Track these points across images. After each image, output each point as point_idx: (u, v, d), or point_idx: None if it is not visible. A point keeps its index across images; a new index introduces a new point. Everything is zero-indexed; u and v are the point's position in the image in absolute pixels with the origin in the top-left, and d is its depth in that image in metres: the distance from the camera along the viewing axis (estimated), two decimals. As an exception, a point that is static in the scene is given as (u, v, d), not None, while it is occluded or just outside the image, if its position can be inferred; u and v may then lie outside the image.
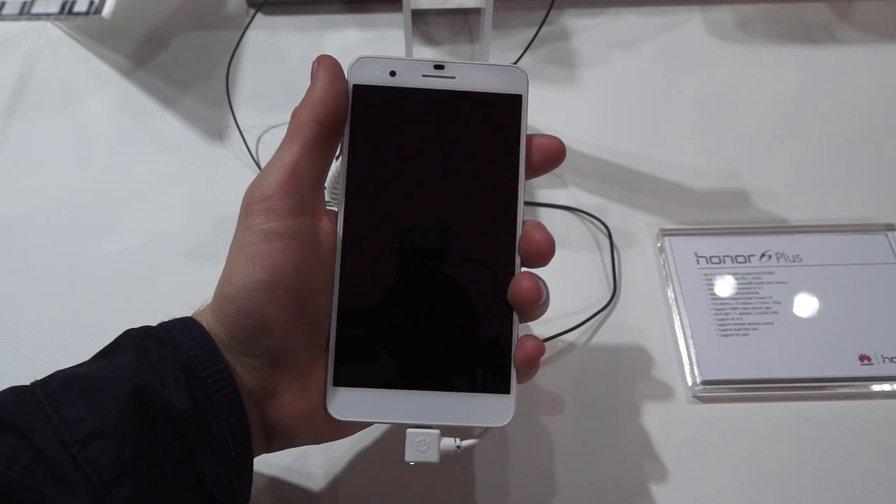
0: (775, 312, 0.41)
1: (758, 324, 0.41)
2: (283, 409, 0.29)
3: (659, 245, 0.45)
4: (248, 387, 0.28)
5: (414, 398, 0.29)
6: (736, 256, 0.44)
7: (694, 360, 0.40)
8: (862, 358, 0.40)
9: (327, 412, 0.29)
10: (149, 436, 0.25)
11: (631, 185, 0.48)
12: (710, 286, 0.43)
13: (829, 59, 0.55)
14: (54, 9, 0.57)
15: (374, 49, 0.56)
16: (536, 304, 0.29)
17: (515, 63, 0.46)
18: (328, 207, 0.31)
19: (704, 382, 0.39)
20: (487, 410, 0.29)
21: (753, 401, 0.39)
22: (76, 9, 0.57)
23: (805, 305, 0.42)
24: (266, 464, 0.37)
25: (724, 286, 0.43)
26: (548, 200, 0.47)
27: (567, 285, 0.43)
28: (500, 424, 0.29)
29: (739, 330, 0.41)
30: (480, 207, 0.30)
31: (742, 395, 0.39)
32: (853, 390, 0.39)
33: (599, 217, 0.45)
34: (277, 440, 0.30)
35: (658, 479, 0.37)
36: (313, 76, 0.30)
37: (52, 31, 0.59)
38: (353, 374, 0.29)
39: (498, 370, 0.29)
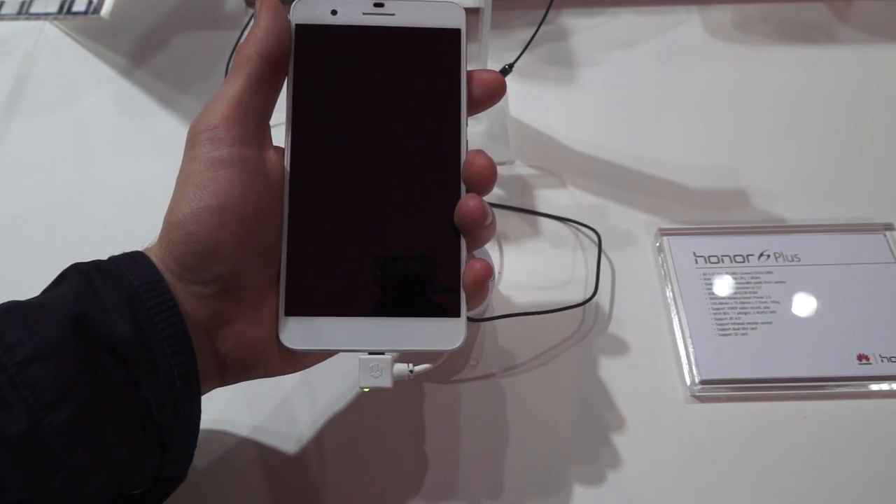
0: (774, 312, 0.41)
1: (756, 323, 0.41)
2: (236, 339, 0.29)
3: (657, 245, 0.45)
4: (198, 315, 0.28)
5: (365, 325, 0.30)
6: (734, 256, 0.44)
7: (692, 359, 0.40)
8: (860, 357, 0.40)
9: (280, 342, 0.29)
10: (90, 361, 0.25)
11: (629, 185, 0.48)
12: (709, 286, 0.43)
13: (828, 59, 0.55)
14: (53, 8, 0.57)
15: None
16: (482, 223, 0.29)
17: (513, 63, 0.46)
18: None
19: (703, 382, 0.39)
20: (438, 334, 0.30)
21: (752, 400, 0.39)
22: (75, 8, 0.57)
23: (803, 305, 0.42)
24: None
25: (723, 286, 0.43)
26: (547, 199, 0.47)
27: (555, 283, 0.43)
28: (451, 348, 0.30)
29: (738, 329, 0.41)
30: (424, 137, 0.31)
31: (740, 394, 0.39)
32: (851, 390, 0.39)
33: (591, 225, 0.45)
34: (231, 372, 0.30)
35: (656, 479, 0.37)
36: (256, 15, 0.30)
37: (50, 31, 0.59)
38: (304, 303, 0.30)
39: (448, 294, 0.30)
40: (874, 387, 0.39)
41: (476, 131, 0.51)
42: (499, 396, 0.40)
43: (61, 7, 0.57)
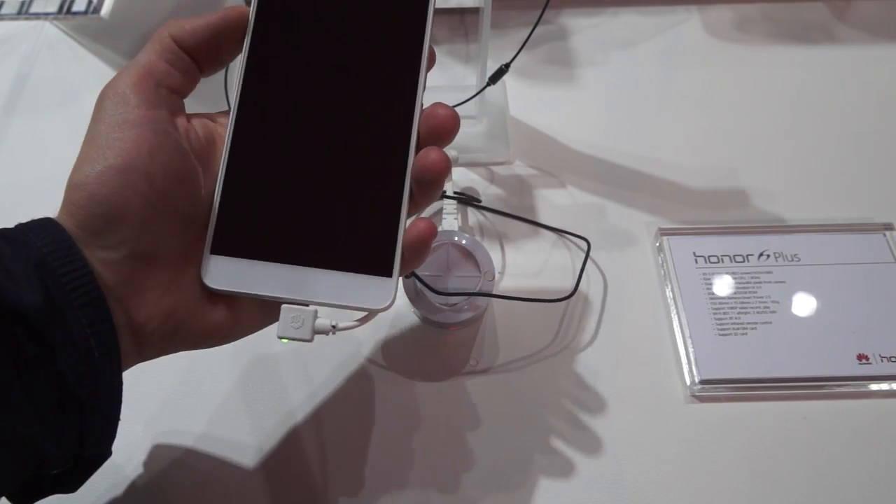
0: (773, 312, 0.41)
1: (756, 323, 0.41)
2: (151, 308, 0.28)
3: (657, 244, 0.45)
4: (108, 284, 0.27)
5: (291, 273, 0.29)
6: (734, 256, 0.44)
7: (692, 359, 0.40)
8: (860, 357, 0.40)
9: (203, 283, 0.29)
10: None
11: (629, 185, 0.48)
12: (709, 286, 0.43)
13: (827, 59, 0.55)
14: (53, 8, 0.57)
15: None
16: (445, 174, 0.29)
17: (509, 63, 0.46)
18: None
19: (703, 382, 0.39)
20: (367, 292, 0.29)
21: (751, 400, 0.39)
22: (75, 8, 0.57)
23: (803, 305, 0.42)
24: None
25: (723, 285, 0.43)
26: (546, 199, 0.47)
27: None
28: (378, 308, 0.29)
29: (738, 329, 0.41)
30: (378, 90, 0.30)
31: (740, 394, 0.39)
32: (851, 389, 0.39)
33: (582, 234, 0.45)
34: (148, 344, 0.28)
35: (656, 479, 0.37)
36: (216, 12, 0.30)
37: (50, 31, 0.59)
38: (232, 243, 0.29)
39: (382, 252, 0.29)
40: (874, 386, 0.39)
41: (476, 131, 0.51)
42: (498, 395, 0.40)
43: (61, 7, 0.57)
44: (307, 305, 0.29)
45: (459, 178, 0.49)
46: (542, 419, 0.39)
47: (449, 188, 0.46)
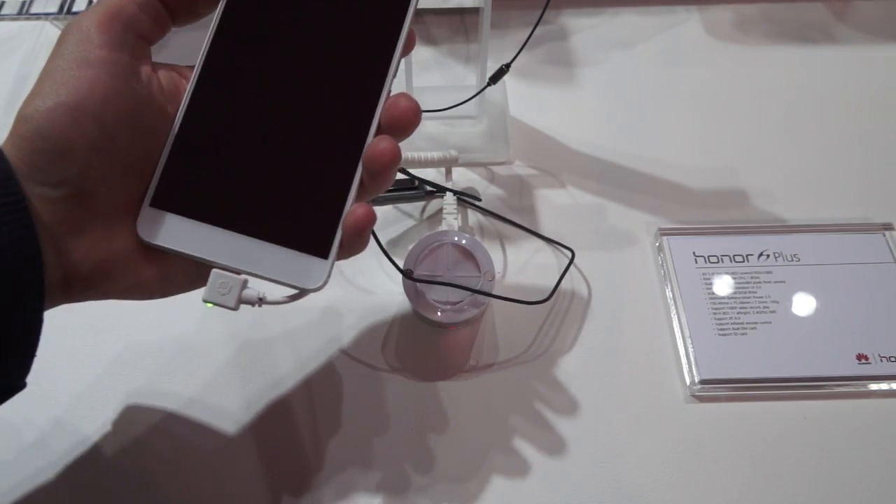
0: (773, 312, 0.42)
1: (756, 323, 0.41)
2: (84, 251, 0.27)
3: (657, 244, 0.45)
4: (44, 220, 0.26)
5: (226, 238, 0.29)
6: (734, 256, 0.44)
7: (692, 359, 0.40)
8: (860, 357, 0.40)
9: (138, 234, 0.29)
10: None
11: (629, 185, 0.48)
12: (709, 285, 0.43)
13: (827, 59, 0.55)
14: (53, 8, 0.57)
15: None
16: (392, 167, 0.28)
17: (510, 63, 0.46)
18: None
19: (702, 382, 0.39)
20: (299, 270, 0.28)
21: (751, 400, 0.39)
22: (75, 8, 0.57)
23: (803, 305, 0.42)
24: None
25: (723, 285, 0.43)
26: (546, 199, 0.47)
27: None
28: (310, 287, 0.28)
29: (738, 329, 0.41)
30: (347, 71, 0.29)
31: (740, 394, 0.39)
32: (851, 389, 0.39)
33: (567, 245, 0.45)
34: (76, 288, 0.28)
35: (656, 479, 0.37)
36: None
37: (50, 31, 0.59)
38: (172, 198, 0.29)
39: (321, 231, 0.29)
40: (874, 386, 0.40)
41: (476, 131, 0.51)
42: (498, 395, 0.40)
43: (61, 7, 0.57)
44: (238, 274, 0.29)
45: (459, 178, 0.49)
46: (542, 418, 0.39)
47: (449, 187, 0.46)
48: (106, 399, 0.39)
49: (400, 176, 0.47)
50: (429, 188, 0.47)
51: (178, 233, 0.29)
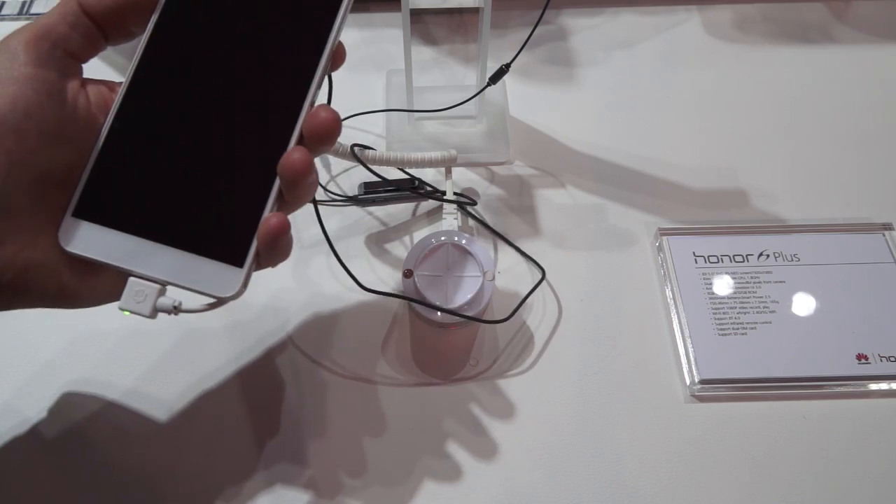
0: (773, 312, 0.42)
1: (756, 323, 0.41)
2: (5, 261, 0.28)
3: (657, 244, 0.45)
4: None
5: (144, 248, 0.29)
6: (734, 256, 0.44)
7: (692, 359, 0.40)
8: (859, 357, 0.40)
9: (59, 244, 0.29)
10: None
11: (629, 185, 0.48)
12: (709, 285, 0.43)
13: (827, 59, 0.55)
14: (53, 8, 0.57)
15: (374, 49, 0.56)
16: (305, 178, 0.29)
17: (510, 63, 0.46)
18: None
19: (702, 382, 0.39)
20: (214, 279, 0.29)
21: (751, 400, 0.39)
22: (75, 8, 0.57)
23: (803, 305, 0.42)
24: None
25: (722, 285, 0.43)
26: (546, 200, 0.47)
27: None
28: (224, 296, 0.29)
29: (737, 329, 0.41)
30: (271, 84, 0.30)
31: (740, 394, 0.39)
32: (851, 389, 0.40)
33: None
34: (0, 295, 0.28)
35: (656, 479, 0.37)
36: None
37: (50, 31, 0.59)
38: (93, 209, 0.30)
39: (237, 241, 0.29)
40: (873, 386, 0.40)
41: (476, 131, 0.51)
42: (498, 395, 0.40)
43: (61, 7, 0.57)
44: (156, 283, 0.29)
45: (459, 178, 0.49)
46: (542, 418, 0.39)
47: (448, 188, 0.46)
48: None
49: (400, 176, 0.47)
50: (426, 189, 0.47)
51: (97, 242, 0.29)
